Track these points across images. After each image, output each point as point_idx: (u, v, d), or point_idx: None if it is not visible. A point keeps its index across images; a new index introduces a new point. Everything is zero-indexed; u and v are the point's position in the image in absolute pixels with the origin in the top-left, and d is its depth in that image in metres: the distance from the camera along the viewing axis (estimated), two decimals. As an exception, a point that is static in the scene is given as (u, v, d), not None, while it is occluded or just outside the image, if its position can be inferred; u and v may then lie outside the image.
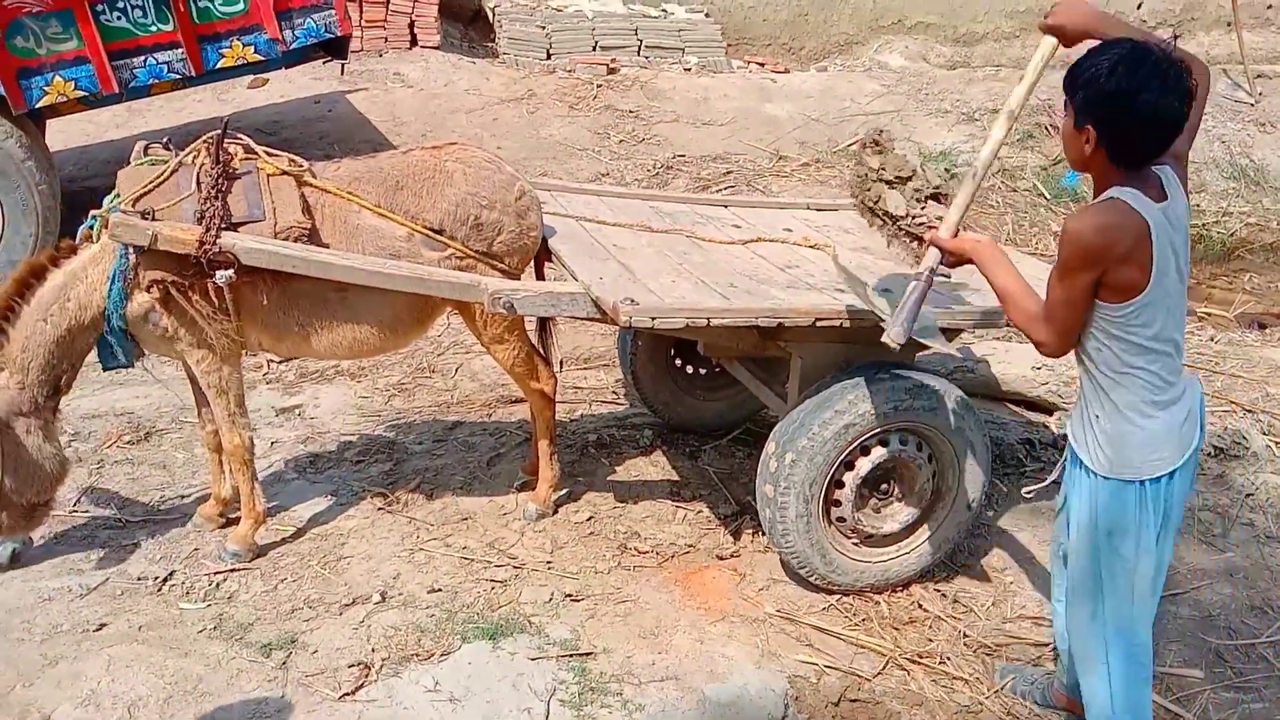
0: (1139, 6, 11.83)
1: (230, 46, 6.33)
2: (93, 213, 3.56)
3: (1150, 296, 2.47)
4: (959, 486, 3.69)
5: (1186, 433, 2.62)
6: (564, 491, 4.25)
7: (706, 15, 11.03)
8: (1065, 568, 2.91)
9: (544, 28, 10.36)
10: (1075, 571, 2.79)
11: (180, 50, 6.19)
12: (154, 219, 3.41)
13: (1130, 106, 2.35)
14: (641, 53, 10.47)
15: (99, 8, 5.89)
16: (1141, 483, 2.60)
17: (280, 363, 5.40)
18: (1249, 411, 5.11)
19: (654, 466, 4.58)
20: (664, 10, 10.98)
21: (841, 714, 3.25)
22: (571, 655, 3.32)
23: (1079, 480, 2.74)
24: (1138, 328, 2.51)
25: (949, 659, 3.48)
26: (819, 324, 3.38)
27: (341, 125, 8.70)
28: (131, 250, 3.43)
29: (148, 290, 3.46)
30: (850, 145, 9.09)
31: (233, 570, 3.71)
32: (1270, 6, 11.85)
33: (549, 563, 3.84)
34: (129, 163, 3.67)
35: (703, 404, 4.82)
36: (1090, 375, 2.64)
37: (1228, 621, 3.71)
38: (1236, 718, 3.29)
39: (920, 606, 3.73)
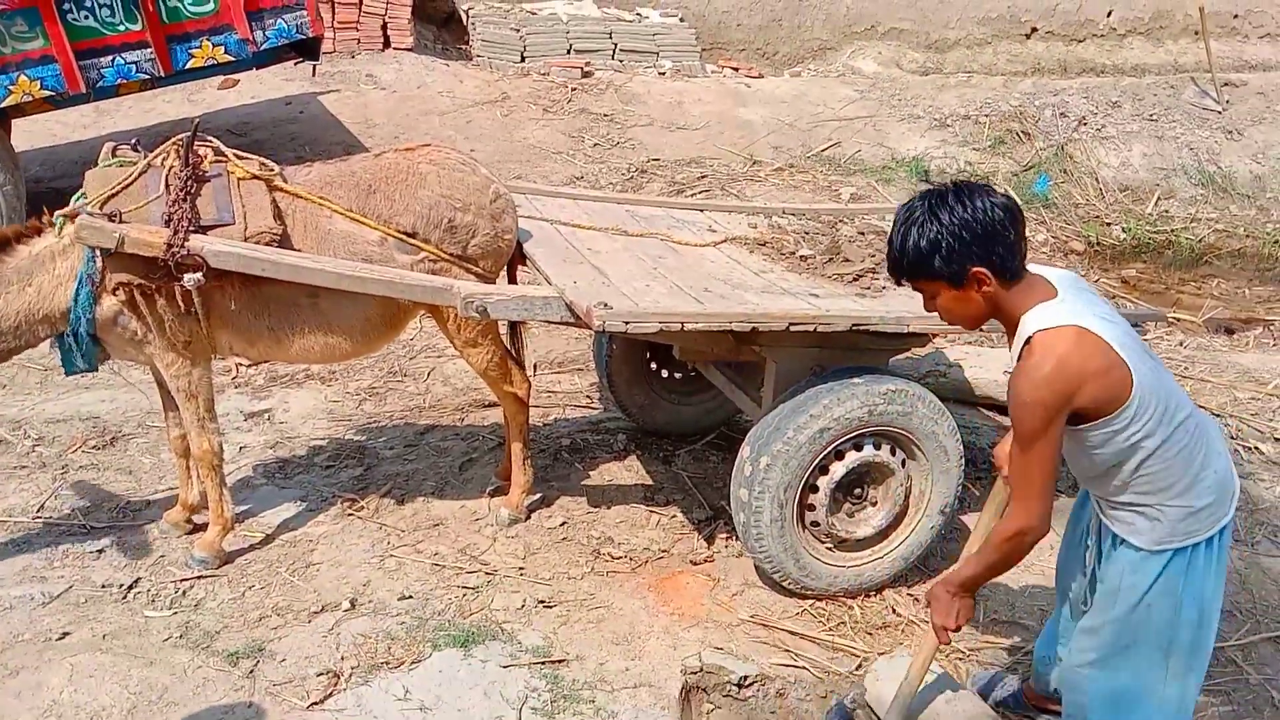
0: (1109, 14, 11.96)
1: (200, 47, 6.27)
2: (58, 213, 3.50)
3: (1137, 391, 2.31)
4: (932, 491, 3.70)
5: (1227, 475, 2.51)
6: (537, 497, 4.23)
7: (681, 20, 11.05)
8: (1070, 615, 2.86)
9: (518, 30, 10.33)
10: (1121, 649, 2.63)
11: (149, 50, 6.13)
12: (121, 221, 3.36)
13: (981, 220, 2.27)
14: (616, 56, 10.47)
15: (65, 6, 5.83)
16: (1196, 545, 2.48)
17: (250, 366, 5.34)
18: (1217, 415, 5.16)
19: (628, 471, 4.57)
20: (638, 14, 10.98)
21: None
22: (544, 663, 3.29)
23: (1117, 556, 2.58)
24: (1140, 427, 2.35)
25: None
26: (793, 328, 3.37)
27: (313, 127, 8.64)
28: (99, 253, 3.37)
29: (114, 293, 3.40)
30: (824, 150, 9.13)
31: (199, 577, 3.66)
32: (1237, 16, 12.01)
33: (521, 569, 3.81)
34: (97, 164, 3.61)
35: (678, 408, 4.81)
36: (1111, 500, 2.53)
37: (1197, 625, 3.73)
38: (1207, 720, 3.31)
39: (894, 611, 3.73)
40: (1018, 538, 2.45)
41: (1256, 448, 4.93)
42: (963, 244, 2.26)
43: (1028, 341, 2.32)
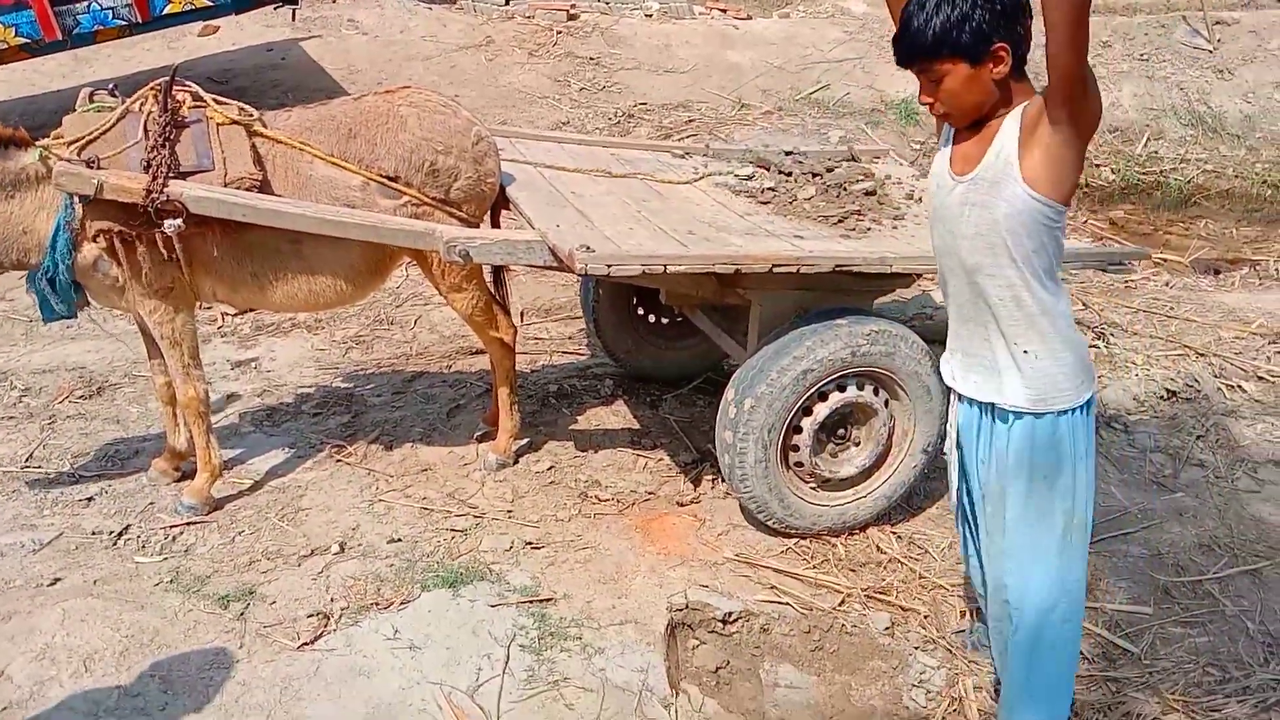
0: (1101, -48, 11.78)
1: (178, -9, 6.18)
2: (40, 143, 3.44)
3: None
4: (915, 430, 3.73)
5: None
6: (524, 441, 4.25)
7: (668, -40, 10.88)
8: (976, 517, 2.81)
9: (502, -27, 10.18)
10: (1009, 521, 2.61)
11: (126, -5, 6.04)
12: (99, 167, 3.34)
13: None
14: (602, -2, 10.34)
15: (38, -50, 5.72)
16: (1073, 410, 2.51)
17: (236, 315, 5.33)
18: (1201, 355, 5.20)
19: (615, 416, 4.59)
20: (625, -45, 10.81)
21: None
22: (531, 601, 3.33)
23: (993, 429, 2.59)
24: (1060, 231, 2.43)
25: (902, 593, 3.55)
26: (776, 270, 3.37)
27: (295, 73, 8.53)
28: (77, 200, 3.35)
29: (94, 240, 3.39)
30: (813, 93, 9.06)
31: (189, 524, 3.69)
32: (1230, -47, 11.85)
33: (509, 512, 3.85)
34: (74, 110, 3.57)
35: (665, 353, 4.82)
36: (1020, 299, 2.45)
37: (1176, 559, 3.79)
38: (1183, 651, 3.37)
39: (877, 548, 3.77)
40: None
41: (1240, 386, 4.96)
42: (994, 16, 2.27)
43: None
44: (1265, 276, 6.80)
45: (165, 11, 6.29)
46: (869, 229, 3.90)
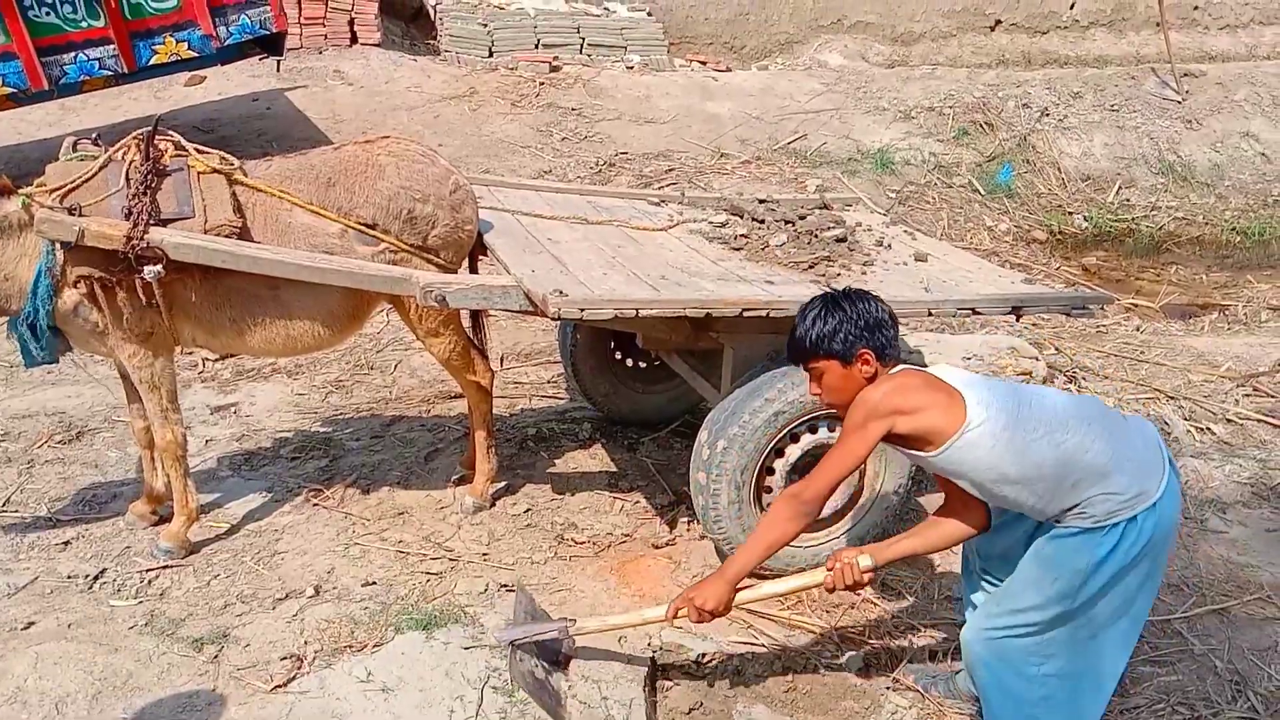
0: (1072, 6, 12.10)
1: (163, 43, 6.29)
2: (23, 190, 3.49)
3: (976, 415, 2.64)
4: (886, 472, 3.77)
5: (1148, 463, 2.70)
6: (502, 484, 4.28)
7: (648, 14, 11.11)
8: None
9: (486, 25, 10.37)
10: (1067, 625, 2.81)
11: (112, 46, 6.15)
12: (81, 215, 3.39)
13: (869, 314, 2.76)
14: (584, 51, 10.52)
15: (27, 2, 5.83)
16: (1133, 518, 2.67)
17: (216, 360, 5.36)
18: (1171, 398, 5.28)
19: (593, 459, 4.62)
20: (606, 8, 11.04)
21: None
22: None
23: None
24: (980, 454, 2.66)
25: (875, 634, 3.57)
26: (746, 314, 3.43)
27: (280, 123, 8.64)
28: (58, 246, 3.40)
29: (74, 286, 3.43)
30: (790, 143, 9.22)
31: (165, 567, 3.69)
32: (1196, 7, 12.18)
33: (485, 554, 3.87)
34: (58, 158, 3.63)
35: (642, 397, 4.87)
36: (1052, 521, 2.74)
37: (1145, 599, 3.82)
38: (1153, 690, 3.40)
39: (851, 590, 3.80)
40: (792, 500, 2.86)
41: (1208, 428, 5.04)
42: (857, 330, 2.74)
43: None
44: (1234, 321, 6.93)
45: (151, 62, 6.38)
46: (839, 274, 3.96)
